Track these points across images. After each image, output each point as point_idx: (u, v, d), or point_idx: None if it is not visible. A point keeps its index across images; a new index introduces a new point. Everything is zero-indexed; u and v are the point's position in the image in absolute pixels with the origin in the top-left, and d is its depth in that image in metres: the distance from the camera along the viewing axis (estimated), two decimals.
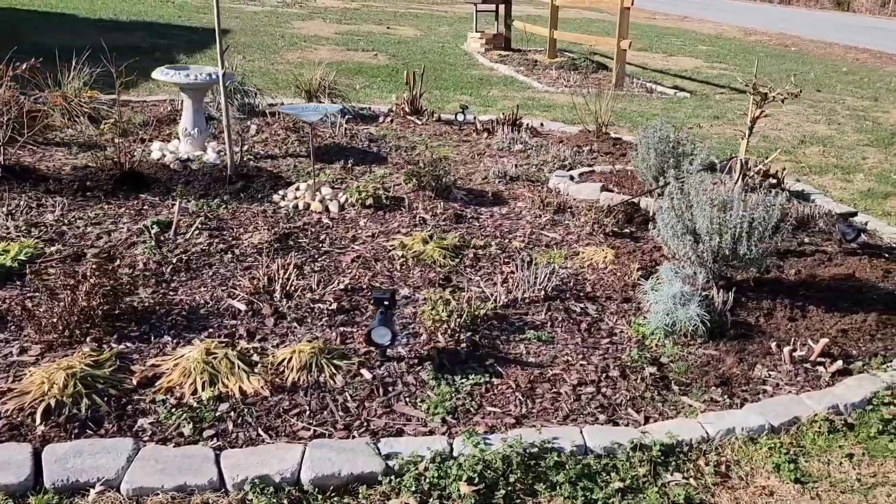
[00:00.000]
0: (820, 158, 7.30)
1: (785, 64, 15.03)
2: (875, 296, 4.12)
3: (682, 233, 3.64)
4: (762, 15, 29.61)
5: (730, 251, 3.65)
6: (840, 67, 14.91)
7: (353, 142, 6.46)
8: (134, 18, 15.08)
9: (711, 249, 3.64)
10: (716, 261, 3.71)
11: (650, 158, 4.81)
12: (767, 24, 23.75)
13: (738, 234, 3.61)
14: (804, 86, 12.06)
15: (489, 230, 4.62)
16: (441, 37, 16.36)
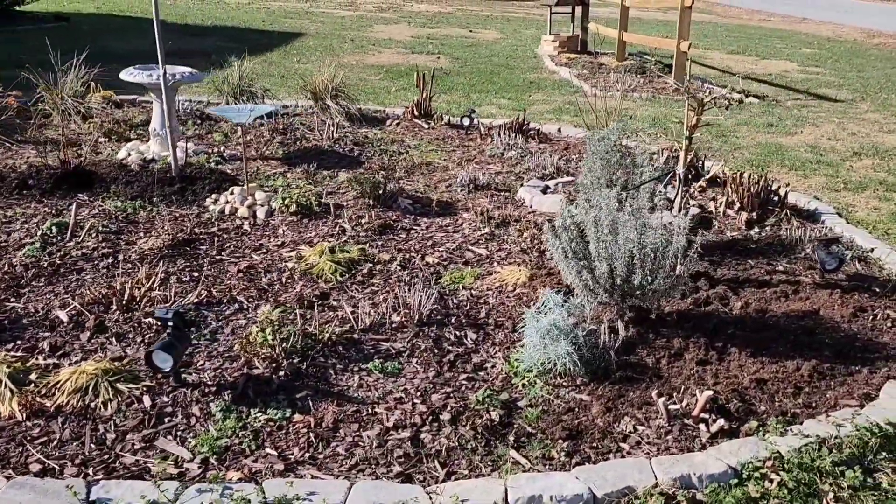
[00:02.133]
0: (866, 173, 6.38)
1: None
2: (829, 340, 3.46)
3: (570, 256, 3.18)
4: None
5: (622, 280, 3.16)
6: None
7: (336, 145, 6.30)
8: (217, 24, 15.72)
9: (602, 277, 3.16)
10: (611, 290, 3.22)
11: (596, 169, 4.31)
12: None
13: (631, 262, 3.11)
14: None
15: (412, 243, 4.30)
16: (521, 40, 15.99)
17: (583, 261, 3.17)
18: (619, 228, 3.10)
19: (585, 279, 3.16)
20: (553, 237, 3.18)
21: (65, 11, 15.60)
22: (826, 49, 16.40)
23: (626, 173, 4.19)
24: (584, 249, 3.23)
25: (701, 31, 19.94)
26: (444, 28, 17.88)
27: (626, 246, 3.07)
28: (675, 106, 9.13)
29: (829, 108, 9.46)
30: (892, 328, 3.61)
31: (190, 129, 6.50)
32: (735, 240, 4.65)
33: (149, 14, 16.88)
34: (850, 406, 2.99)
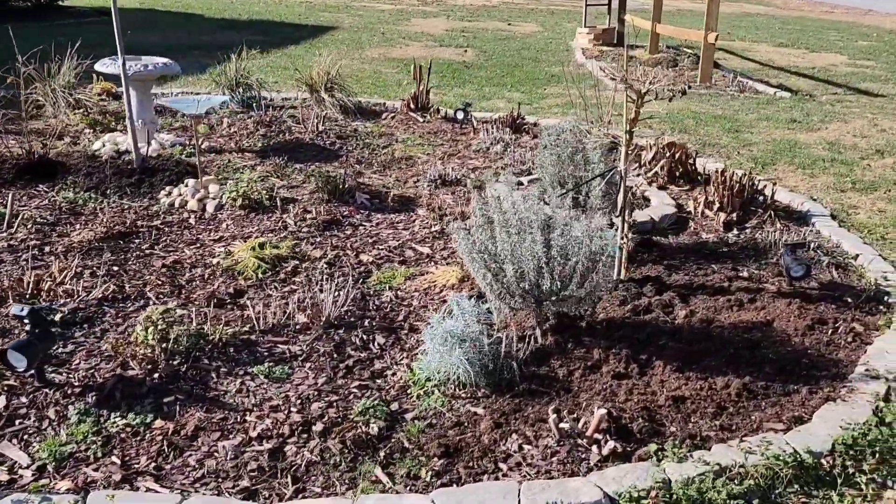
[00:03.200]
0: (882, 172, 5.89)
1: None
2: (774, 354, 3.15)
3: (476, 258, 2.96)
4: None
5: (531, 285, 2.93)
6: None
7: (319, 138, 6.19)
8: (254, 18, 15.88)
9: (510, 281, 2.93)
10: (525, 295, 2.99)
11: (547, 165, 4.06)
12: None
13: (538, 265, 2.87)
14: None
15: (354, 240, 4.15)
16: (559, 33, 15.65)
17: (491, 263, 2.95)
18: (527, 229, 2.87)
19: (490, 282, 2.93)
20: (462, 237, 2.98)
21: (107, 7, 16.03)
22: (885, 42, 15.48)
23: (578, 170, 3.94)
24: (494, 251, 3.01)
25: (754, 23, 19.16)
26: (482, 21, 17.65)
27: (533, 248, 2.84)
28: (697, 101, 8.72)
29: (867, 103, 8.85)
30: (852, 343, 3.27)
31: (178, 120, 6.50)
32: (704, 242, 4.33)
33: (190, 9, 17.31)
34: (774, 430, 2.69)
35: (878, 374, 3.00)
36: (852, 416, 2.75)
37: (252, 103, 7.07)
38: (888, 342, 3.23)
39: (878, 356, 3.13)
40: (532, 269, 2.89)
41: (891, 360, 3.09)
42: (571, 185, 3.89)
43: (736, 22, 19.26)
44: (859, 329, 3.40)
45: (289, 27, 14.72)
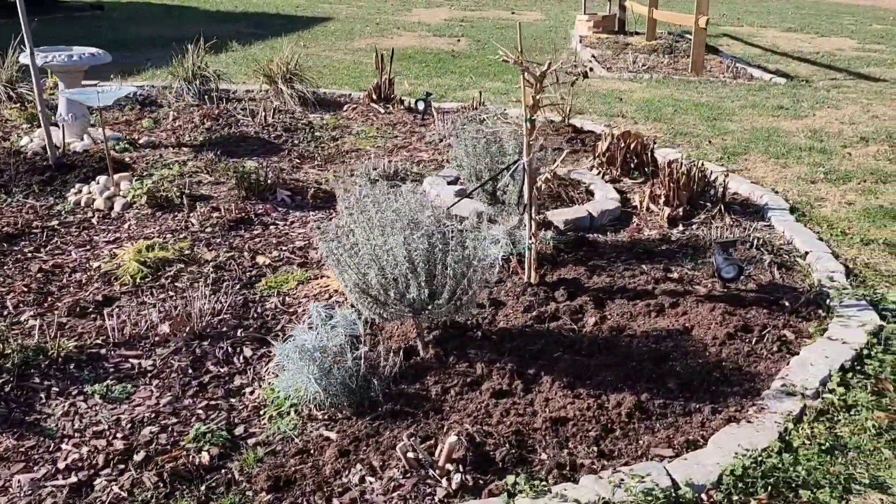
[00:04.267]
0: (862, 161, 5.46)
1: None
2: (682, 367, 2.81)
3: (342, 261, 2.66)
4: None
5: (398, 293, 2.62)
6: None
7: (265, 131, 5.93)
8: (249, 10, 15.69)
9: (374, 287, 2.63)
10: (398, 302, 2.69)
11: (462, 157, 3.74)
12: None
13: (404, 272, 2.57)
14: None
15: (258, 240, 3.87)
16: (563, 21, 15.24)
17: (355, 270, 2.65)
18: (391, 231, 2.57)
19: (356, 292, 2.64)
20: (323, 241, 2.68)
21: (104, 0, 15.94)
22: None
23: (495, 162, 3.62)
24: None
25: (767, 8, 18.58)
26: (486, 10, 17.29)
27: (396, 252, 2.54)
28: (684, 88, 8.31)
29: (865, 89, 8.36)
30: (777, 353, 2.92)
31: (125, 114, 6.28)
32: (643, 240, 3.98)
33: (186, 2, 17.20)
34: (661, 457, 2.37)
35: (795, 390, 2.66)
36: (754, 441, 2.41)
37: (207, 96, 6.83)
38: (815, 352, 2.88)
39: (801, 368, 2.79)
40: (398, 277, 2.59)
41: (813, 374, 2.74)
42: (491, 177, 3.57)
43: (750, 7, 18.69)
44: (790, 337, 3.04)
45: (282, 19, 14.51)
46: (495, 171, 3.58)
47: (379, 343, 2.88)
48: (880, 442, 2.47)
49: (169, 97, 6.87)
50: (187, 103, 6.70)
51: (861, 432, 2.51)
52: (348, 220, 2.76)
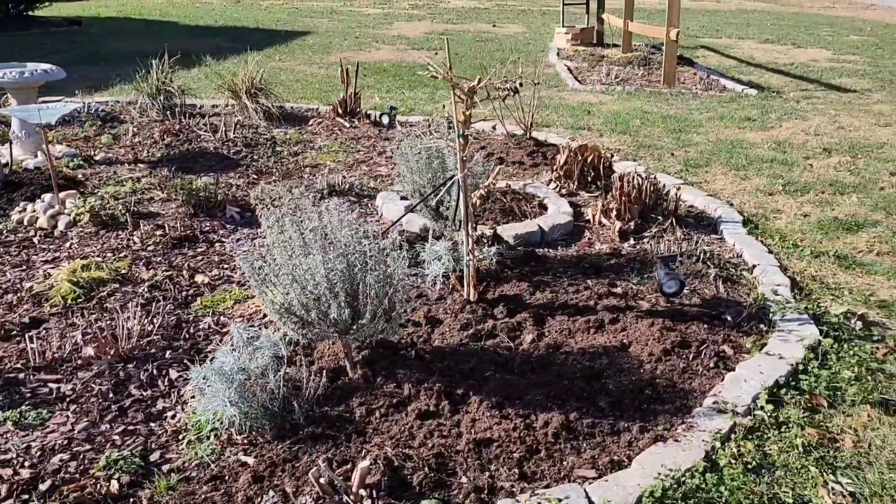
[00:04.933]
0: (823, 173, 5.46)
1: None
2: (615, 385, 2.76)
3: (266, 281, 2.61)
4: None
5: (319, 313, 2.57)
6: None
7: (225, 147, 5.89)
8: (229, 24, 15.69)
9: (295, 307, 2.58)
10: (321, 322, 2.64)
11: (405, 173, 3.70)
12: None
13: (323, 292, 2.52)
14: None
15: (201, 258, 3.82)
16: (544, 34, 15.30)
17: (274, 289, 2.60)
18: (311, 248, 2.52)
19: (279, 311, 2.58)
20: (243, 259, 2.63)
21: (82, 15, 15.91)
22: (876, 36, 14.94)
23: (437, 178, 3.58)
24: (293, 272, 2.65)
25: (747, 20, 18.73)
26: (467, 24, 17.34)
27: (314, 271, 2.49)
28: (654, 100, 8.32)
29: (835, 100, 8.39)
30: (713, 370, 2.88)
31: (84, 130, 6.23)
32: (592, 254, 3.95)
33: (166, 17, 17.20)
34: (584, 478, 2.32)
35: (727, 407, 2.61)
36: (679, 461, 2.37)
37: (170, 111, 6.78)
38: (750, 368, 2.84)
39: (734, 385, 2.74)
40: (320, 297, 2.53)
41: (746, 391, 2.70)
42: (427, 194, 3.53)
43: (730, 19, 18.84)
44: (728, 352, 3.00)
45: (262, 33, 14.51)
46: (436, 186, 3.54)
47: (310, 363, 2.83)
48: (808, 460, 2.43)
49: (133, 113, 6.83)
50: (150, 119, 6.66)
51: (790, 450, 2.47)
52: (269, 240, 2.71)
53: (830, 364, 2.92)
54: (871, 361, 2.99)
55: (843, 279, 3.75)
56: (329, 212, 2.66)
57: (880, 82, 9.46)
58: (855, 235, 4.28)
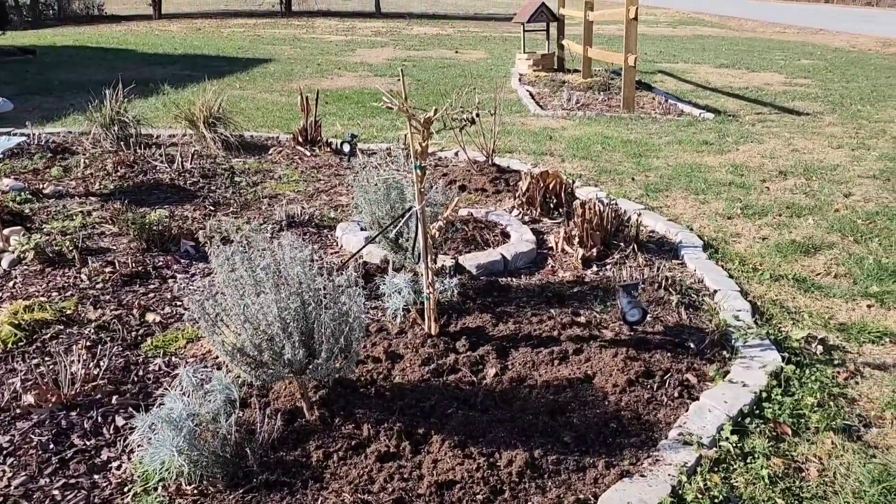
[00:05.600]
0: (779, 196, 5.53)
1: (892, 78, 12.52)
2: (579, 419, 2.71)
3: (217, 323, 2.51)
4: None
5: (272, 354, 2.48)
6: None
7: (181, 178, 5.76)
8: (188, 52, 15.55)
9: (248, 348, 2.48)
10: (275, 363, 2.54)
11: (362, 204, 3.64)
12: None
13: (276, 331, 2.43)
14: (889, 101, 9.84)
15: (153, 296, 3.69)
16: (506, 60, 15.46)
17: (224, 329, 2.50)
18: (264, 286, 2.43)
19: (230, 352, 2.48)
20: (195, 300, 2.53)
21: (38, 44, 15.63)
22: (826, 60, 15.39)
23: (395, 209, 3.52)
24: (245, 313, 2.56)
25: (703, 45, 19.17)
26: (430, 50, 17.45)
27: (266, 310, 2.40)
28: (615, 125, 8.41)
29: (789, 122, 8.58)
30: (678, 399, 2.84)
31: (34, 162, 6.05)
32: (555, 283, 3.91)
33: (125, 45, 17.00)
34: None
35: (692, 438, 2.57)
36: (645, 497, 2.31)
37: (125, 142, 6.63)
38: (714, 397, 2.81)
39: (699, 415, 2.71)
40: (273, 337, 2.44)
41: (711, 421, 2.67)
42: (385, 227, 3.47)
43: (686, 44, 19.27)
44: (692, 381, 2.97)
45: (222, 61, 14.40)
46: (395, 217, 3.48)
47: (265, 405, 2.72)
48: (775, 491, 2.39)
49: (85, 143, 6.67)
50: (104, 150, 6.51)
51: (756, 482, 2.43)
52: (220, 278, 2.61)
53: (793, 390, 2.91)
54: (832, 387, 2.98)
55: (803, 302, 3.76)
56: (283, 248, 2.58)
57: (831, 105, 9.70)
58: (812, 258, 4.32)
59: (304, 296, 2.43)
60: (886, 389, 2.96)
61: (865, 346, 3.32)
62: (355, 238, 4.34)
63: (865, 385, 3.01)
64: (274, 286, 2.40)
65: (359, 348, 2.60)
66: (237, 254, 2.46)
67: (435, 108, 2.91)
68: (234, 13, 28.72)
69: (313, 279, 2.45)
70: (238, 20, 25.62)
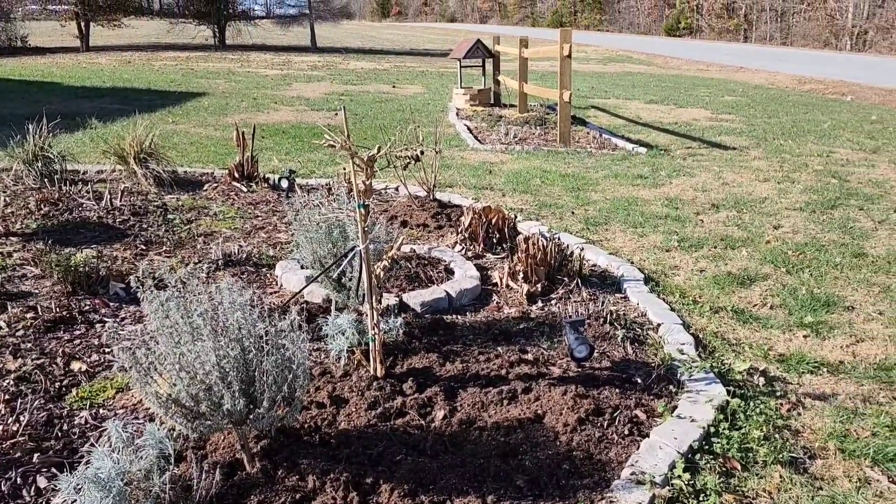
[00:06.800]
0: (713, 228, 5.68)
1: (809, 113, 13.17)
2: (531, 461, 2.65)
3: (148, 373, 2.36)
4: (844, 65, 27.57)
5: (211, 404, 2.34)
6: (869, 116, 12.82)
7: (110, 215, 5.52)
8: (117, 85, 15.16)
9: (184, 398, 2.34)
10: (213, 413, 2.40)
11: (303, 243, 3.54)
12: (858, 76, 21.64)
13: (214, 381, 2.30)
14: (809, 135, 10.31)
15: (79, 342, 3.48)
16: (443, 94, 15.62)
17: (159, 379, 2.35)
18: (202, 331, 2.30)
19: (164, 403, 2.33)
20: (123, 349, 2.38)
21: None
22: (748, 96, 16.12)
23: (337, 248, 3.43)
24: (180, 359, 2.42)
25: (632, 82, 19.83)
26: (367, 84, 17.49)
27: (203, 358, 2.27)
28: (553, 159, 8.54)
29: (718, 156, 8.88)
30: (628, 437, 2.82)
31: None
32: (501, 319, 3.88)
33: (49, 77, 16.45)
34: None
35: (645, 478, 2.54)
36: None
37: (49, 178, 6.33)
38: (664, 433, 2.80)
39: (650, 453, 2.69)
40: (211, 385, 2.31)
41: (662, 458, 2.65)
42: (328, 266, 3.37)
43: (616, 81, 19.90)
44: (641, 417, 2.96)
45: (153, 94, 14.09)
46: (337, 256, 3.39)
47: (202, 458, 2.57)
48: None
49: (6, 181, 6.35)
50: (26, 187, 6.21)
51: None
52: (153, 325, 2.47)
53: (740, 424, 2.93)
54: (777, 419, 3.02)
55: (742, 334, 3.83)
56: (221, 291, 2.46)
57: (756, 140, 10.12)
58: (748, 290, 4.42)
59: (244, 342, 2.31)
60: (827, 420, 3.02)
61: (804, 376, 3.39)
62: (296, 277, 4.22)
63: (807, 416, 3.05)
64: (212, 332, 2.28)
65: (303, 395, 2.49)
66: (172, 299, 2.33)
67: (378, 146, 2.86)
68: (167, 46, 28.27)
69: (254, 324, 2.34)
70: (170, 53, 25.22)
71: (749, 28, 48.84)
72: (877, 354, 3.60)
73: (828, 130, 10.96)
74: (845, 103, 14.92)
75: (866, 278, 4.62)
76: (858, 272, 4.72)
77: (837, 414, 3.05)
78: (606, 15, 63.86)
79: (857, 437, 2.88)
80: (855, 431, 2.93)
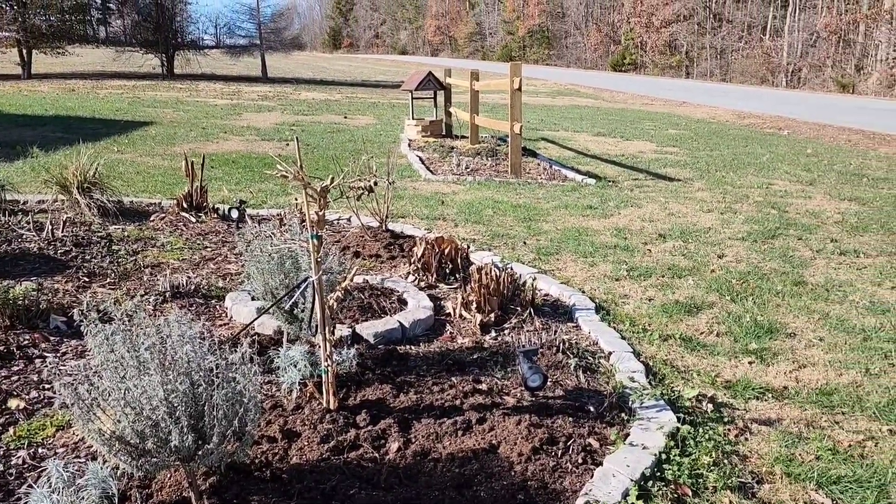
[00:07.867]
0: (660, 258, 5.81)
1: (748, 147, 13.66)
2: (486, 493, 2.63)
3: (90, 409, 2.29)
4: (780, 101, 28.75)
5: (158, 441, 2.27)
6: (805, 149, 13.38)
7: (51, 247, 5.35)
8: (60, 113, 14.81)
9: (128, 436, 2.27)
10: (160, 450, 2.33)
11: (254, 274, 3.50)
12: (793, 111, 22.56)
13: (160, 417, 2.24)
14: (749, 168, 10.68)
15: (16, 379, 3.35)
16: (395, 125, 15.67)
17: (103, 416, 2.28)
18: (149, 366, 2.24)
19: (108, 441, 2.25)
20: (65, 384, 2.29)
21: None
22: (691, 130, 16.63)
23: (290, 279, 3.39)
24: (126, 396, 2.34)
25: (580, 115, 20.26)
26: (318, 115, 17.46)
27: (150, 393, 2.21)
28: (504, 190, 8.64)
29: (663, 188, 9.12)
30: (581, 465, 2.83)
31: None
32: (455, 350, 3.88)
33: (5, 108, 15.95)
34: None
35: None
36: None
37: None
38: (616, 461, 2.82)
39: (604, 481, 2.71)
40: (158, 421, 2.24)
41: (615, 486, 2.67)
42: (280, 297, 3.33)
43: (565, 114, 20.33)
44: (595, 445, 2.98)
45: (98, 123, 13.80)
46: (290, 287, 3.35)
47: (147, 497, 2.48)
48: None
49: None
50: None
51: None
52: (98, 359, 2.40)
53: (690, 450, 2.97)
54: (725, 444, 3.08)
55: (691, 361, 3.91)
56: (170, 324, 2.40)
57: (699, 171, 10.43)
58: (695, 318, 4.52)
59: (193, 375, 2.26)
60: (774, 444, 3.09)
61: (751, 402, 3.47)
62: (246, 309, 4.15)
63: (754, 441, 3.12)
64: (160, 366, 2.22)
65: (254, 429, 2.43)
66: (118, 332, 2.26)
67: (332, 177, 2.86)
68: (113, 74, 27.82)
69: (204, 357, 2.29)
70: (116, 81, 24.81)
71: (691, 65, 50.69)
72: (818, 380, 3.71)
73: (766, 163, 11.38)
74: (782, 137, 15.53)
75: (807, 305, 4.78)
76: (799, 300, 4.89)
77: (783, 439, 3.13)
78: (554, 50, 65.45)
79: (801, 462, 2.96)
80: (800, 455, 3.01)
